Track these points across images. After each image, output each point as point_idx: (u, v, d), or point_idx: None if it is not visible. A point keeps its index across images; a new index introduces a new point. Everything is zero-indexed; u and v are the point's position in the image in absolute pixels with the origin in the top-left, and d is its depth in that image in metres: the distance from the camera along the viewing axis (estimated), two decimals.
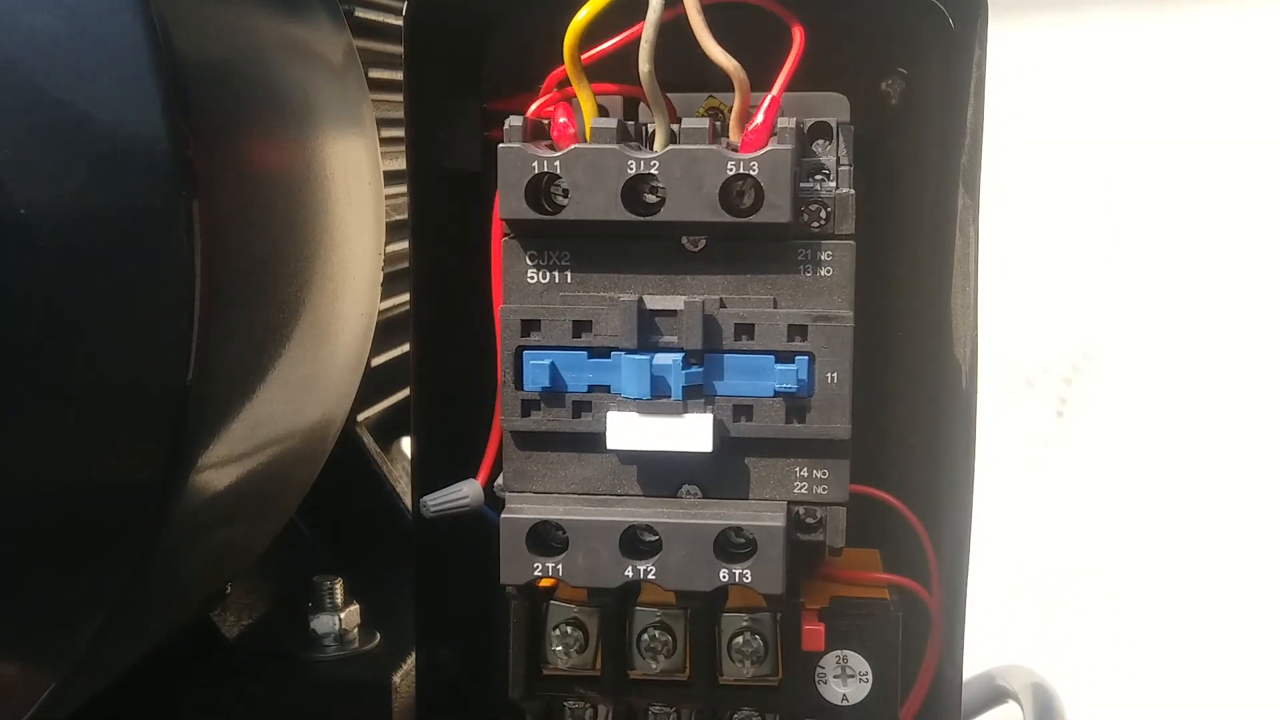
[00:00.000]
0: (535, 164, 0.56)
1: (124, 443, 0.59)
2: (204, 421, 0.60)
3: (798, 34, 0.59)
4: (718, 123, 0.59)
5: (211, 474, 0.63)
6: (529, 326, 0.58)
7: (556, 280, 0.58)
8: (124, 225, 0.56)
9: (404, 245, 0.87)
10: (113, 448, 0.59)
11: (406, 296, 0.95)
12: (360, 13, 0.88)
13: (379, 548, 0.93)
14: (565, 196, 0.57)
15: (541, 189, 0.57)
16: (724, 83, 0.58)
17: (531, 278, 0.58)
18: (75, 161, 0.55)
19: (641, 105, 0.63)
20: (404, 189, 0.67)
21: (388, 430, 1.07)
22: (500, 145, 0.57)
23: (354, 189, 0.72)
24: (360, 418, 0.94)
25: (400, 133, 0.65)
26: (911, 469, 0.68)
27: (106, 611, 0.62)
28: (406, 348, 0.98)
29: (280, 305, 0.64)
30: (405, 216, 0.66)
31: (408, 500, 0.96)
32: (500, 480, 0.61)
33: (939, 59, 0.66)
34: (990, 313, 0.69)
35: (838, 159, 0.59)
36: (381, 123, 0.81)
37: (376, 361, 0.90)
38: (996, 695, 1.06)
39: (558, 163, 0.56)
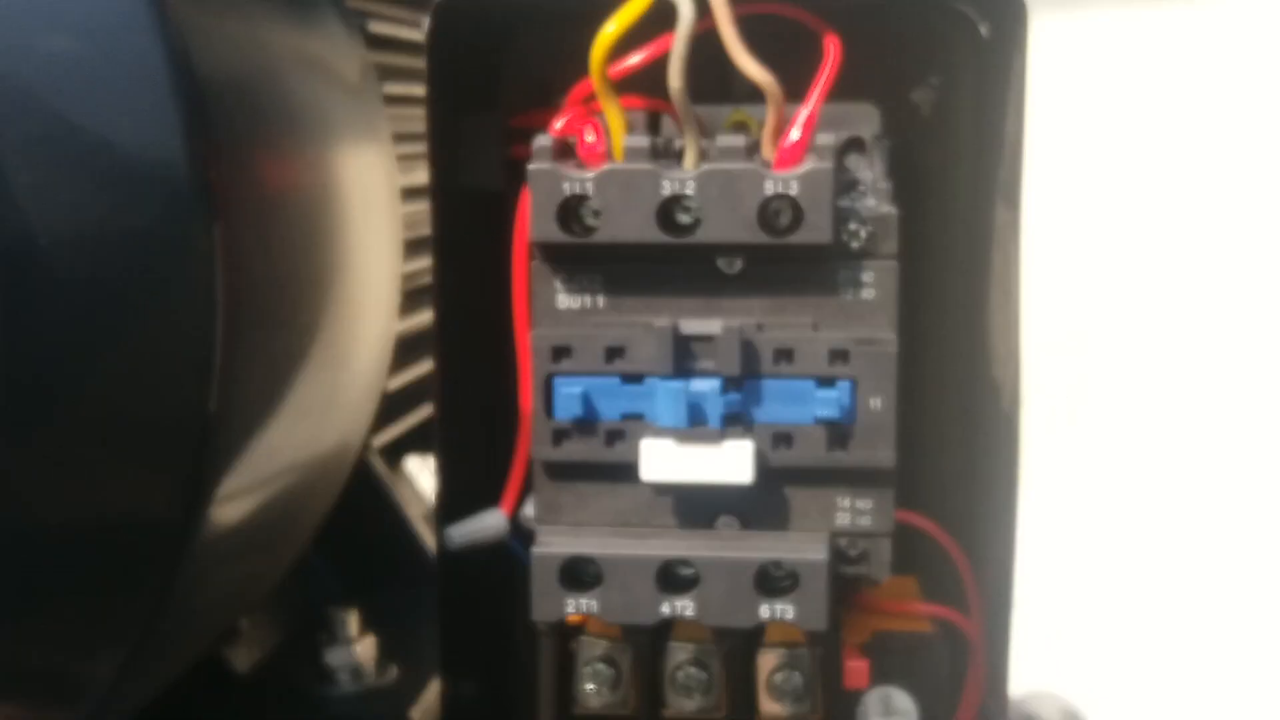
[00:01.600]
0: (567, 185, 0.54)
1: (145, 476, 0.57)
2: (225, 452, 0.59)
3: (832, 46, 0.56)
4: (748, 138, 0.56)
5: (231, 505, 0.61)
6: (560, 353, 0.56)
7: (588, 305, 0.56)
8: (145, 251, 0.54)
9: (422, 263, 0.85)
10: (133, 481, 0.57)
11: (423, 315, 0.94)
12: (374, 26, 0.86)
13: (393, 577, 0.91)
14: (595, 217, 0.55)
15: (571, 210, 0.55)
16: (749, 94, 0.56)
17: (562, 303, 0.56)
18: (95, 187, 0.53)
19: (665, 120, 0.61)
20: (420, 206, 0.65)
21: (393, 450, 1.05)
22: (530, 167, 0.55)
23: (372, 208, 0.71)
24: (372, 443, 0.91)
25: (415, 148, 0.63)
26: (949, 494, 0.66)
27: (126, 651, 0.60)
28: (422, 368, 0.97)
29: (300, 331, 0.62)
30: (422, 234, 0.64)
31: (420, 527, 0.94)
32: (526, 510, 0.59)
33: (973, 69, 0.64)
34: None
35: (875, 176, 0.57)
36: (397, 137, 0.79)
37: (393, 385, 0.88)
38: None
39: (590, 184, 0.54)
